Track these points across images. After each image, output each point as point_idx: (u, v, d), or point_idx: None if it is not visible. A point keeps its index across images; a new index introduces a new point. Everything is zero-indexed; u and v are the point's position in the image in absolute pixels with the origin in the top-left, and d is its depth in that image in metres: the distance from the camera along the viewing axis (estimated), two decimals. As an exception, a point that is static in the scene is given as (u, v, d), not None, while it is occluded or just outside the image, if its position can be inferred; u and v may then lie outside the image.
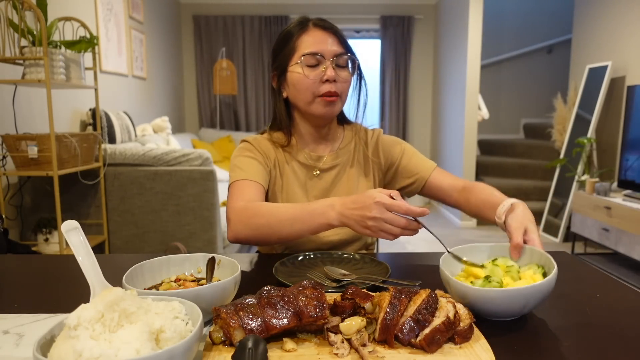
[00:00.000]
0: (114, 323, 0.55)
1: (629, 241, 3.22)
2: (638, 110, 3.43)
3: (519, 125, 6.31)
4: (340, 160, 1.24)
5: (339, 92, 1.14)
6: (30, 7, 2.25)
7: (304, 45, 1.13)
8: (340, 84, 1.14)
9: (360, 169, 1.26)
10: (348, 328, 0.64)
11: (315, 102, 1.14)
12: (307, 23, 1.16)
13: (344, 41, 1.17)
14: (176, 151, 2.88)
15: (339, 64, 1.14)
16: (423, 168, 1.24)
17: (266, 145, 1.22)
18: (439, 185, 1.22)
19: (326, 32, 1.15)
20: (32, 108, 2.77)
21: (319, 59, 1.12)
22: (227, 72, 5.38)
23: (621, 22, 3.97)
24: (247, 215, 1.02)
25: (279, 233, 1.00)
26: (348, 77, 1.17)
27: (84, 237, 0.70)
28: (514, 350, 0.65)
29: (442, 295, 0.69)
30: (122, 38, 4.04)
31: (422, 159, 1.26)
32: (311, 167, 1.22)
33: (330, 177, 1.23)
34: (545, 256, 0.81)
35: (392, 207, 0.86)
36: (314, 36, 1.14)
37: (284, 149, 1.23)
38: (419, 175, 1.23)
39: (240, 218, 1.03)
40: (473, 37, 4.57)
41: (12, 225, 2.63)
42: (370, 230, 0.89)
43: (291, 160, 1.22)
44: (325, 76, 1.12)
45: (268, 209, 1.02)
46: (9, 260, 1.17)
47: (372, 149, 1.27)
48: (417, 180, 1.24)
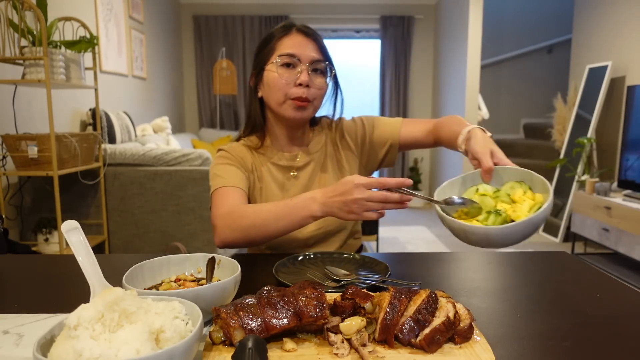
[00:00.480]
0: (114, 323, 0.55)
1: (628, 241, 3.22)
2: (638, 110, 3.43)
3: (519, 125, 6.31)
4: (314, 157, 1.26)
5: (311, 98, 1.15)
6: (30, 7, 2.25)
7: (283, 47, 1.15)
8: (313, 90, 1.15)
9: (334, 161, 1.27)
10: (348, 328, 0.64)
11: (286, 104, 1.15)
12: (291, 27, 1.18)
13: (323, 49, 1.18)
14: (176, 151, 2.88)
15: (315, 70, 1.15)
16: (391, 130, 1.25)
17: (242, 151, 1.23)
18: (412, 137, 1.24)
19: (307, 37, 1.16)
20: (32, 108, 2.77)
21: (295, 61, 1.14)
22: (227, 72, 5.38)
23: (621, 22, 3.97)
24: (232, 219, 1.04)
25: (265, 231, 1.01)
26: (323, 85, 1.18)
27: (84, 237, 0.70)
28: (514, 350, 0.65)
29: (442, 295, 0.69)
30: (122, 38, 4.04)
31: (388, 122, 1.28)
32: (287, 168, 1.24)
33: (307, 175, 1.24)
34: (521, 171, 0.83)
35: (370, 184, 0.87)
36: (294, 40, 1.15)
37: (259, 151, 1.24)
38: (391, 138, 1.25)
39: (225, 223, 1.04)
40: (473, 37, 4.57)
41: (12, 225, 2.63)
42: (354, 214, 0.90)
43: (267, 162, 1.24)
44: (299, 80, 1.13)
45: (252, 209, 1.04)
46: (9, 260, 1.17)
47: (340, 137, 1.29)
48: (391, 144, 1.25)
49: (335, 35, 5.98)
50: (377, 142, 1.27)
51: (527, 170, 0.83)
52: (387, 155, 1.28)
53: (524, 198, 0.80)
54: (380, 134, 1.26)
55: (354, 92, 6.26)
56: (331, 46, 1.23)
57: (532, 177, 0.83)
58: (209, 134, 5.58)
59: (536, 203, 0.80)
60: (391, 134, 1.25)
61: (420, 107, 6.12)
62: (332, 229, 1.21)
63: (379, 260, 1.00)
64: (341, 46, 6.14)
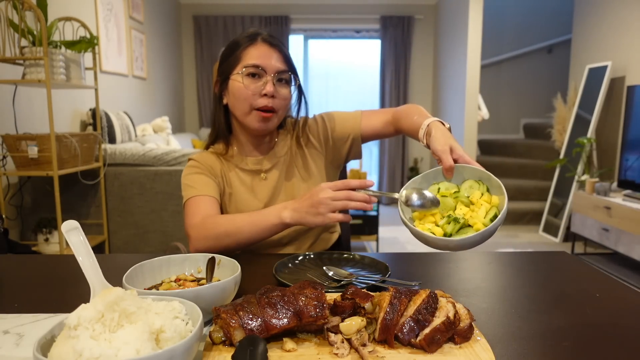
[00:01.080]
0: (114, 323, 0.55)
1: (628, 241, 3.22)
2: (638, 110, 3.43)
3: (519, 125, 6.31)
4: (280, 160, 1.27)
5: (276, 108, 1.17)
6: (31, 7, 2.25)
7: (249, 57, 1.16)
8: (278, 100, 1.16)
9: (299, 161, 1.28)
10: (348, 328, 0.64)
11: (252, 114, 1.16)
12: (257, 37, 1.18)
13: (288, 59, 1.19)
14: (176, 151, 2.88)
15: (280, 81, 1.17)
16: (352, 124, 1.27)
17: (210, 159, 1.24)
18: (372, 128, 1.26)
19: (272, 48, 1.17)
20: (32, 108, 2.77)
21: (260, 72, 1.15)
22: (227, 72, 5.37)
23: (621, 22, 3.97)
24: (205, 228, 1.07)
25: (237, 239, 1.05)
26: (287, 95, 1.19)
27: (84, 237, 0.71)
28: (514, 350, 0.65)
29: (442, 295, 0.69)
30: (122, 38, 4.04)
31: (347, 116, 1.29)
32: (256, 172, 1.25)
33: (275, 176, 1.25)
34: (479, 171, 0.88)
35: (336, 186, 0.94)
36: (259, 50, 1.16)
37: (225, 157, 1.25)
38: (352, 132, 1.26)
39: (199, 232, 1.07)
40: (473, 37, 4.57)
41: (12, 225, 2.63)
42: (321, 216, 0.95)
43: (234, 167, 1.25)
44: (264, 90, 1.14)
45: (225, 218, 1.08)
46: (9, 260, 1.17)
47: (303, 136, 1.30)
48: (354, 138, 1.27)
49: (335, 35, 5.98)
50: (340, 138, 1.28)
51: (485, 171, 0.88)
52: (351, 149, 1.29)
53: (481, 202, 0.86)
54: (341, 129, 1.27)
55: (353, 92, 6.26)
56: (331, 46, 1.23)
57: (490, 178, 0.88)
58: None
59: (492, 207, 0.85)
60: (352, 128, 1.27)
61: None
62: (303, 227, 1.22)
63: (379, 260, 1.00)
64: (341, 46, 6.15)
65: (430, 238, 0.81)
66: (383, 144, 6.05)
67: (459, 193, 0.88)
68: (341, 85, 6.19)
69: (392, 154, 6.01)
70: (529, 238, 4.39)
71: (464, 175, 0.91)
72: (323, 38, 6.04)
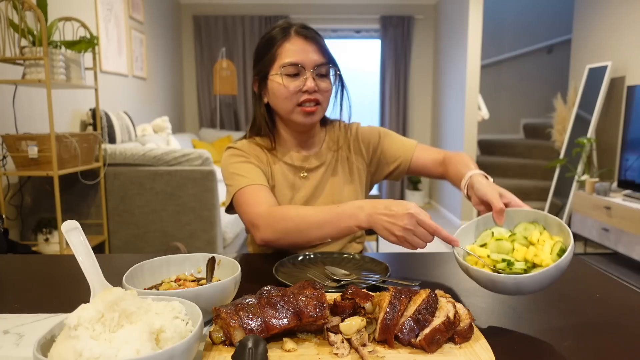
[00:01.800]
0: (114, 323, 0.55)
1: (628, 241, 3.22)
2: (638, 110, 3.43)
3: (519, 125, 6.31)
4: (325, 159, 1.26)
5: (320, 102, 1.15)
6: (30, 7, 2.25)
7: (285, 54, 1.13)
8: (320, 93, 1.15)
9: (345, 164, 1.28)
10: (348, 328, 0.64)
11: (295, 111, 1.15)
12: (290, 30, 1.15)
13: (325, 50, 1.17)
14: (176, 151, 2.88)
15: (319, 74, 1.15)
16: (404, 150, 1.27)
17: (254, 148, 1.22)
18: (422, 164, 1.26)
19: (308, 41, 1.15)
20: (32, 108, 2.77)
21: (299, 69, 1.13)
22: (227, 72, 5.38)
23: (621, 22, 3.97)
24: (274, 219, 1.03)
25: (308, 236, 1.01)
26: (329, 87, 1.18)
27: (84, 237, 0.70)
28: (514, 350, 0.65)
29: (442, 295, 0.69)
30: (122, 38, 4.04)
31: (402, 141, 1.29)
32: (298, 168, 1.24)
33: (318, 177, 1.25)
34: (533, 212, 0.82)
35: (423, 223, 0.86)
36: (295, 45, 1.14)
37: (270, 152, 1.24)
38: (402, 158, 1.26)
39: (267, 222, 1.03)
40: (473, 37, 4.57)
41: (12, 225, 2.63)
42: (395, 238, 0.89)
43: (277, 161, 1.24)
44: (305, 87, 1.12)
45: (296, 212, 1.03)
46: (9, 260, 1.17)
47: (353, 142, 1.30)
48: (402, 163, 1.27)
49: (335, 35, 5.98)
50: (389, 156, 1.28)
51: (539, 212, 0.81)
52: (394, 172, 1.29)
53: (542, 239, 0.77)
54: (394, 149, 1.27)
55: (354, 92, 6.20)
56: (331, 46, 1.22)
57: (546, 218, 0.80)
58: (209, 134, 5.58)
59: (556, 242, 0.76)
60: (404, 152, 1.26)
61: (420, 107, 6.12)
62: None
63: (379, 260, 1.00)
64: (341, 46, 6.14)
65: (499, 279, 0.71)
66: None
67: (515, 235, 0.81)
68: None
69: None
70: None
71: (515, 219, 0.84)
72: (323, 38, 6.03)
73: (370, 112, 6.20)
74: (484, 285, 0.75)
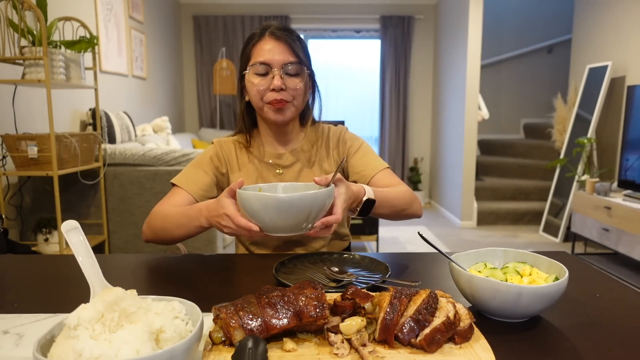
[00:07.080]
0: (114, 323, 0.55)
1: (629, 241, 3.22)
2: (638, 110, 3.43)
3: (519, 125, 6.31)
4: (300, 157, 1.28)
5: (289, 99, 1.18)
6: (30, 7, 2.25)
7: (257, 54, 1.18)
8: (288, 92, 1.18)
9: (320, 167, 1.29)
10: (348, 328, 0.64)
11: (265, 108, 1.19)
12: (265, 31, 1.20)
13: (295, 50, 1.19)
14: (176, 151, 2.88)
15: (288, 73, 1.17)
16: (370, 167, 1.27)
17: (229, 147, 1.28)
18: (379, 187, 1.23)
19: (279, 41, 1.18)
20: (32, 108, 2.77)
21: (267, 68, 1.17)
22: (227, 72, 5.38)
23: (621, 22, 3.97)
24: (152, 219, 1.15)
25: (171, 234, 1.12)
26: (298, 84, 1.19)
27: (84, 237, 0.70)
28: (514, 350, 0.65)
29: (442, 295, 0.69)
30: (122, 38, 4.04)
31: (374, 159, 1.29)
32: (273, 166, 1.27)
33: (292, 175, 1.27)
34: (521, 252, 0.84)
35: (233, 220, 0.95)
36: (266, 45, 1.18)
37: (248, 149, 1.28)
38: (364, 173, 1.26)
39: (148, 220, 1.16)
40: (473, 37, 4.57)
41: (12, 225, 2.63)
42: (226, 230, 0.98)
43: (254, 159, 1.28)
44: (272, 85, 1.16)
45: (165, 213, 1.13)
46: (9, 260, 1.17)
47: (334, 144, 1.31)
48: (360, 179, 1.27)
49: (335, 35, 5.98)
50: (354, 166, 1.29)
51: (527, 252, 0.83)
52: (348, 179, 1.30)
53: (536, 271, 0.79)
54: (361, 163, 1.28)
55: (354, 92, 6.25)
56: (331, 46, 1.23)
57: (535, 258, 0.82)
58: (209, 134, 5.58)
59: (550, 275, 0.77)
60: (367, 169, 1.26)
61: (420, 107, 6.12)
62: None
63: (379, 260, 1.00)
64: (341, 46, 6.14)
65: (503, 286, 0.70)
66: (383, 143, 6.05)
67: (507, 268, 0.82)
68: (341, 86, 6.19)
69: (392, 154, 6.01)
70: (529, 238, 4.39)
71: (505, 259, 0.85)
72: (323, 38, 6.03)
73: (370, 112, 6.20)
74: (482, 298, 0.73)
